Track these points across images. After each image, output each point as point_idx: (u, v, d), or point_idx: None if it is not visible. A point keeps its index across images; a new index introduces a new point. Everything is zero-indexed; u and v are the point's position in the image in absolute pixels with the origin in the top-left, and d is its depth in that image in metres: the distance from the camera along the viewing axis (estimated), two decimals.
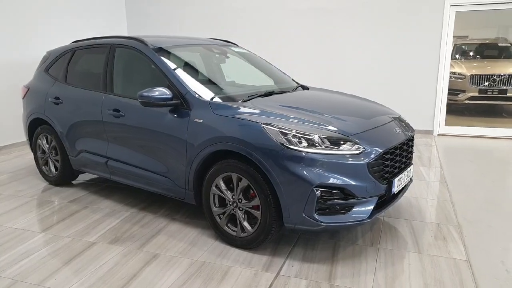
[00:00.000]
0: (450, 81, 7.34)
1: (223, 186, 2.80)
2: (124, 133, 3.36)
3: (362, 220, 2.55)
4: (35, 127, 4.27)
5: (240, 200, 2.74)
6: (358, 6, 6.64)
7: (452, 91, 7.82)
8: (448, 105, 6.96)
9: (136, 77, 3.51)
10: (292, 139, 2.50)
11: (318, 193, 2.45)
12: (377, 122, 2.91)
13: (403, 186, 2.93)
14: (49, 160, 4.22)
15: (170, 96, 2.92)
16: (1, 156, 5.48)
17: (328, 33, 6.90)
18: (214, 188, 2.84)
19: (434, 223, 3.21)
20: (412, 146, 3.11)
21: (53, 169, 4.21)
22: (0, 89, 5.67)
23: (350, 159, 2.50)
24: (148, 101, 2.88)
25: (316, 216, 2.48)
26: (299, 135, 2.51)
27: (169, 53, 3.28)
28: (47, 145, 4.18)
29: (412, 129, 3.21)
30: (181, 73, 3.10)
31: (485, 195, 3.85)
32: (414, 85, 6.60)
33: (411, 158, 3.10)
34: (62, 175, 4.13)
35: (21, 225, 3.29)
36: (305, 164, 2.45)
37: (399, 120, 3.21)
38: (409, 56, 6.52)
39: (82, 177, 4.42)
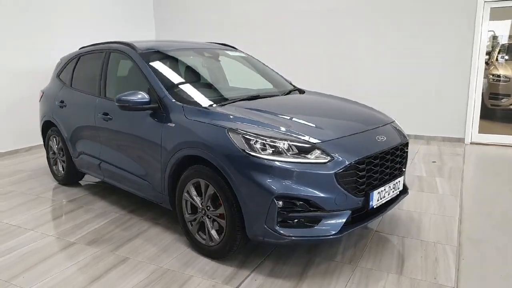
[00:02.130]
0: (492, 85, 6.70)
1: (193, 192, 2.73)
2: (112, 136, 3.41)
3: (331, 235, 2.35)
4: (47, 129, 4.50)
5: (208, 208, 2.65)
6: (381, 4, 6.28)
7: (495, 96, 7.11)
8: (490, 110, 6.33)
9: (126, 81, 3.56)
10: (255, 146, 2.37)
11: (279, 203, 2.29)
12: (357, 128, 2.68)
13: (387, 199, 2.66)
14: (58, 160, 4.42)
15: (147, 100, 2.91)
16: (28, 156, 5.86)
17: (346, 33, 6.61)
18: (185, 194, 2.78)
19: (430, 242, 2.89)
20: (402, 155, 2.82)
21: (61, 169, 4.40)
22: (30, 93, 6.06)
23: (316, 169, 2.31)
24: (125, 104, 2.90)
25: (278, 228, 2.32)
26: (263, 141, 2.38)
27: (154, 57, 3.28)
28: (56, 146, 4.39)
29: (405, 137, 2.92)
30: (161, 77, 3.08)
31: (504, 213, 3.41)
32: (443, 88, 6.09)
33: (400, 168, 2.81)
34: (68, 175, 4.30)
35: (17, 221, 3.46)
36: (266, 173, 2.31)
37: (392, 126, 2.94)
38: (437, 56, 6.03)
39: (90, 178, 4.58)
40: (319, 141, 2.41)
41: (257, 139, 2.38)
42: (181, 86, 3.14)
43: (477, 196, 3.85)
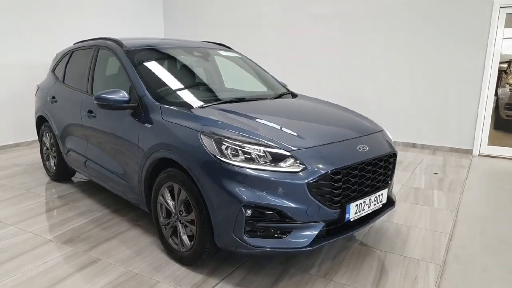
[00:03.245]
0: (509, 94, 6.44)
1: (168, 196, 2.66)
2: (96, 134, 3.38)
3: (301, 247, 2.24)
4: (41, 124, 4.51)
5: (181, 213, 2.57)
6: (392, 11, 6.10)
7: (511, 106, 6.85)
8: (505, 122, 6.06)
9: (113, 79, 3.51)
10: (226, 151, 2.27)
11: (248, 212, 2.19)
12: (338, 136, 2.55)
13: (368, 212, 2.53)
14: (50, 156, 4.42)
15: (127, 99, 2.86)
16: (28, 150, 5.92)
17: (354, 41, 6.45)
18: (160, 197, 2.71)
19: (413, 259, 2.74)
20: (387, 167, 2.68)
21: (52, 165, 4.40)
22: (33, 87, 6.12)
23: (288, 178, 2.20)
24: (104, 103, 2.85)
25: (245, 238, 2.23)
26: (235, 147, 2.28)
27: (140, 55, 3.22)
28: (49, 142, 4.39)
29: (392, 147, 2.78)
30: (144, 76, 3.01)
31: (498, 232, 3.22)
32: (452, 96, 5.87)
33: (385, 180, 2.67)
34: (58, 171, 4.30)
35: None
36: (235, 180, 2.21)
37: (380, 136, 2.80)
38: (448, 63, 5.81)
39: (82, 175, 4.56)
40: (294, 149, 2.30)
41: (229, 144, 2.29)
42: (163, 86, 3.07)
43: (474, 212, 3.66)
